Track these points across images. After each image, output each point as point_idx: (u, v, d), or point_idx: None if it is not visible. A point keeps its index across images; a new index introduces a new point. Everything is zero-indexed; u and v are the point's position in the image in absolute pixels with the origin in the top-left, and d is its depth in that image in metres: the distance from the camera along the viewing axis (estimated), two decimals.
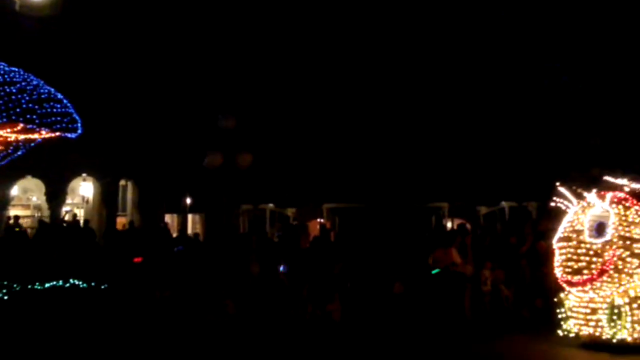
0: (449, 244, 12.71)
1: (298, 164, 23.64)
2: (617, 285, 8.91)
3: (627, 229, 8.97)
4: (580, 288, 9.10)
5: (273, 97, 22.43)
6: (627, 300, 8.87)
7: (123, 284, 12.53)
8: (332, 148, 23.59)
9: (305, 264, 12.65)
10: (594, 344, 9.07)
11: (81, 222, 17.13)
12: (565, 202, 9.47)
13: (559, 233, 9.39)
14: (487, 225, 20.66)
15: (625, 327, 8.82)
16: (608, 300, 8.94)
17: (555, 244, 9.39)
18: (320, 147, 23.55)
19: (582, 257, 9.01)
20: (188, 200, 24.50)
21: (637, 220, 9.07)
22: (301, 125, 23.52)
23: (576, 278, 9.02)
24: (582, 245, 9.05)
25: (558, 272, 9.30)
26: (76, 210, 21.75)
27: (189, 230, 23.74)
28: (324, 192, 24.57)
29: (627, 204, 9.19)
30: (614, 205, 9.09)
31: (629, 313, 8.81)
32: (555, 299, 9.74)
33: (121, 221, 21.50)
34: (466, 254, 12.61)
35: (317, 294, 11.70)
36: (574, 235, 9.17)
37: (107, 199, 22.01)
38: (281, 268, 12.67)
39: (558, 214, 9.75)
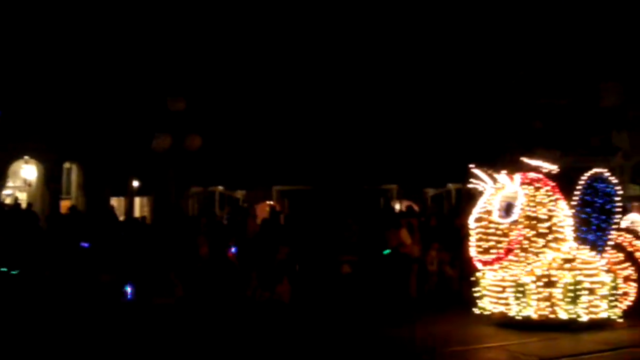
0: (399, 225, 12.97)
1: (248, 146, 23.49)
2: (523, 264, 9.12)
3: (534, 209, 9.16)
4: (490, 267, 9.32)
5: (223, 78, 22.16)
6: (532, 278, 9.07)
7: (67, 269, 12.27)
8: (281, 131, 23.51)
9: (253, 247, 12.68)
10: (504, 321, 9.29)
11: (23, 205, 16.67)
12: (481, 184, 9.62)
13: (474, 214, 9.56)
14: (433, 207, 21.03)
15: (530, 305, 9.02)
16: (515, 278, 9.14)
17: (471, 224, 9.57)
18: (270, 130, 23.44)
19: (491, 237, 9.20)
20: (135, 183, 24.08)
21: (545, 201, 9.25)
22: (251, 108, 23.34)
23: (486, 257, 9.24)
24: (492, 225, 9.22)
25: (472, 251, 9.51)
26: (18, 194, 21.13)
27: (137, 214, 23.36)
28: (274, 174, 24.51)
29: (538, 185, 9.37)
30: (524, 186, 9.26)
31: (534, 291, 9.01)
32: (472, 278, 9.93)
33: (65, 204, 20.98)
34: (414, 235, 12.88)
35: (266, 276, 11.76)
36: (486, 216, 9.32)
37: (51, 182, 21.47)
38: (232, 249, 12.66)
39: (477, 195, 9.92)
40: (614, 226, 9.66)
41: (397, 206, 22.19)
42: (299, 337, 9.15)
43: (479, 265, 9.55)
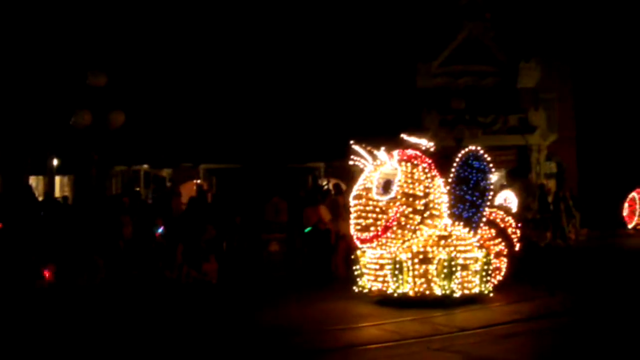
0: (316, 202, 13.09)
1: (174, 124, 23.04)
2: (400, 241, 9.05)
3: (411, 186, 9.09)
4: (368, 245, 9.21)
5: (147, 52, 21.56)
6: (409, 255, 9.09)
7: None
8: (207, 108, 23.18)
9: (179, 226, 12.51)
10: (382, 299, 9.32)
11: None
12: (362, 161, 9.48)
13: (354, 191, 9.44)
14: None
15: (407, 282, 9.07)
16: (393, 255, 9.10)
17: (350, 201, 9.45)
18: (195, 107, 23.07)
19: (370, 215, 9.09)
20: (55, 162, 23.22)
21: (422, 178, 9.20)
22: (176, 85, 22.87)
23: (365, 235, 9.12)
24: (370, 202, 9.12)
25: (351, 229, 9.38)
26: None
27: (57, 194, 22.58)
28: (201, 152, 24.18)
29: (415, 162, 9.30)
30: (402, 163, 9.18)
31: (411, 268, 9.06)
32: (352, 256, 9.86)
33: None
34: (339, 212, 13.02)
35: (193, 255, 11.65)
36: (364, 193, 9.22)
37: None
38: (159, 230, 12.44)
39: (358, 172, 9.77)
40: (487, 203, 9.72)
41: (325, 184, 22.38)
42: (226, 318, 9.14)
43: (358, 243, 9.41)
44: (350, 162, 9.59)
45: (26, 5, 19.31)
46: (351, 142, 9.55)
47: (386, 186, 9.07)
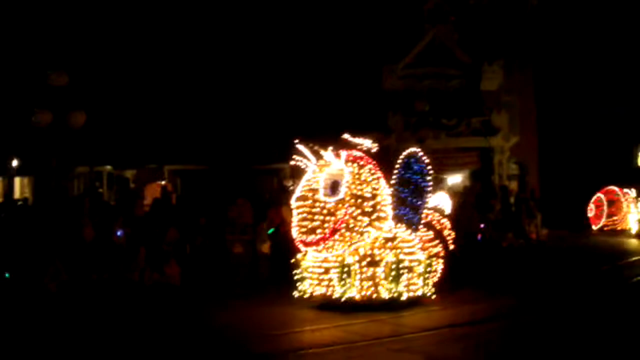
0: (278, 204, 13.08)
1: (137, 123, 22.78)
2: (348, 243, 8.87)
3: (359, 187, 8.95)
4: (314, 248, 8.95)
5: (109, 52, 21.27)
6: (357, 258, 8.94)
7: None
8: (172, 108, 22.99)
9: (142, 227, 12.37)
10: (326, 303, 9.12)
11: None
12: (305, 161, 9.24)
13: (297, 192, 9.19)
14: None
15: (354, 286, 8.91)
16: (339, 259, 8.92)
17: (294, 203, 9.21)
18: (160, 107, 22.85)
19: (316, 217, 8.84)
20: (15, 162, 22.75)
21: (369, 179, 9.09)
22: (140, 84, 22.61)
23: (310, 237, 8.86)
24: (317, 204, 8.89)
25: (294, 232, 9.12)
26: None
27: (17, 195, 22.12)
28: (166, 153, 23.96)
29: (362, 163, 9.18)
30: (349, 164, 9.03)
31: (358, 271, 8.90)
32: (292, 260, 9.62)
33: None
34: None
35: (154, 258, 11.54)
36: (310, 195, 8.98)
37: None
38: (118, 233, 12.27)
39: (300, 172, 9.55)
40: (425, 205, 9.80)
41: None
42: (189, 320, 9.07)
43: (301, 247, 9.16)
44: (292, 163, 9.31)
45: None
46: (295, 141, 9.31)
47: (333, 187, 8.90)
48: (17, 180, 23.53)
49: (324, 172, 9.05)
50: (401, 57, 24.64)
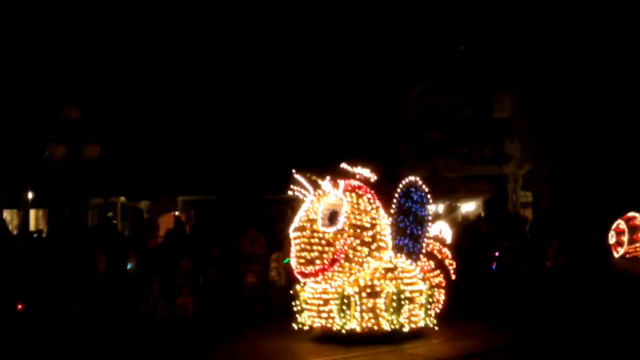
0: None
1: (150, 155, 22.92)
2: (347, 274, 8.72)
3: (358, 217, 8.82)
4: (313, 279, 8.80)
5: (120, 84, 21.53)
6: (357, 289, 8.75)
7: None
8: (185, 138, 23.13)
9: (154, 259, 12.37)
10: (326, 336, 8.92)
11: None
12: (302, 191, 9.08)
13: (295, 223, 9.00)
14: None
15: (354, 317, 8.71)
16: (339, 290, 8.76)
17: (291, 234, 9.02)
18: (173, 138, 23.00)
19: (315, 247, 8.67)
20: (30, 195, 22.92)
21: (368, 209, 8.97)
22: (153, 116, 22.82)
23: (309, 268, 8.68)
24: (315, 234, 8.71)
25: (293, 263, 8.95)
26: None
27: (32, 227, 22.23)
28: (179, 184, 24.04)
29: (360, 192, 9.05)
30: (347, 194, 8.90)
31: (358, 302, 8.71)
32: (291, 291, 9.51)
33: None
34: None
35: (168, 289, 11.51)
36: (308, 225, 8.79)
37: None
38: (128, 265, 12.26)
39: (298, 203, 9.36)
40: (426, 234, 9.68)
41: None
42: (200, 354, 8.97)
43: (300, 278, 8.99)
44: (290, 193, 9.13)
45: None
46: (293, 171, 9.15)
47: (332, 217, 8.74)
48: (32, 213, 23.67)
49: (322, 202, 8.88)
50: (413, 86, 24.79)
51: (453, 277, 10.38)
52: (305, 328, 9.13)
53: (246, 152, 23.13)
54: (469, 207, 23.63)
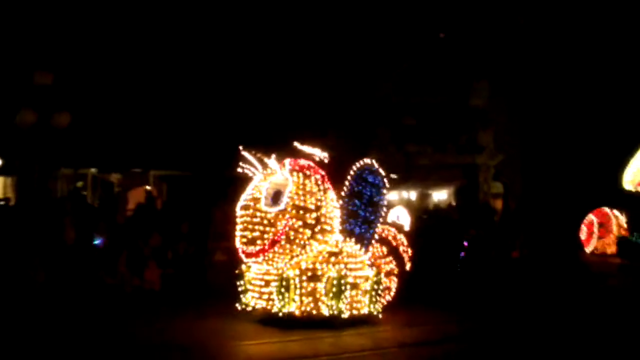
0: None
1: (124, 127, 22.61)
2: (289, 256, 8.51)
3: (302, 198, 8.56)
4: (254, 259, 8.61)
5: (95, 51, 21.12)
6: (297, 272, 8.55)
7: None
8: (159, 112, 22.85)
9: (124, 232, 12.27)
10: (267, 318, 8.75)
11: None
12: (251, 169, 8.85)
13: (241, 201, 8.80)
14: None
15: (293, 300, 8.51)
16: (279, 272, 8.56)
17: (237, 212, 8.81)
18: (147, 111, 22.70)
19: (257, 227, 8.47)
20: None
21: (314, 190, 8.69)
22: (128, 86, 22.46)
23: (250, 248, 8.50)
24: (258, 214, 8.49)
25: (237, 242, 8.75)
26: None
27: None
28: (152, 158, 23.77)
29: (308, 172, 8.78)
30: (294, 173, 8.65)
31: (298, 286, 8.52)
32: (236, 271, 9.22)
33: None
34: None
35: (135, 263, 11.44)
36: (252, 204, 8.58)
37: None
38: (97, 241, 12.12)
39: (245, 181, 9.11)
40: (380, 220, 9.39)
41: None
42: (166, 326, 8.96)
43: (243, 257, 8.77)
44: (239, 170, 8.89)
45: None
46: (240, 148, 8.88)
47: (276, 197, 8.50)
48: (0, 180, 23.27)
49: (268, 180, 8.63)
50: (391, 71, 24.78)
51: (408, 264, 10.14)
52: (249, 309, 8.94)
53: (218, 128, 22.91)
54: (440, 195, 23.82)
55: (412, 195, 24.06)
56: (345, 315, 8.71)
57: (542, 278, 14.81)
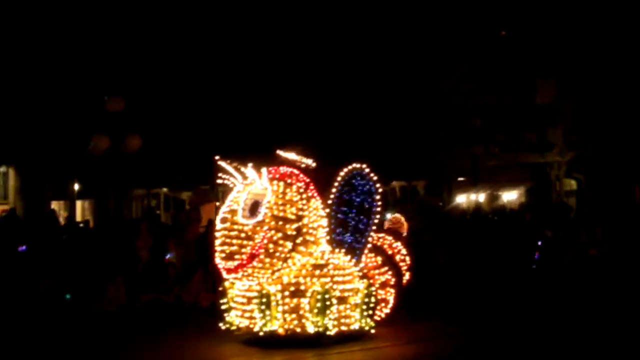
0: None
1: (191, 146, 23.22)
2: (269, 271, 7.85)
3: (281, 208, 7.95)
4: (234, 275, 7.97)
5: (162, 77, 21.85)
6: (279, 287, 7.92)
7: (3, 274, 11.90)
8: (224, 129, 23.35)
9: (197, 249, 12.50)
10: (251, 338, 8.11)
11: None
12: (231, 179, 8.20)
13: (220, 214, 8.21)
14: None
15: (276, 318, 7.89)
16: (259, 288, 7.93)
17: (217, 225, 8.21)
18: (211, 130, 23.26)
19: (234, 241, 7.83)
20: (76, 186, 23.52)
21: (295, 199, 8.07)
22: (193, 107, 23.10)
23: (229, 264, 7.86)
24: (235, 227, 7.88)
25: (217, 257, 8.10)
26: None
27: (78, 217, 22.82)
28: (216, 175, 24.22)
29: (289, 181, 8.16)
30: (274, 182, 8.05)
31: (280, 302, 7.90)
32: (220, 288, 8.61)
33: (3, 209, 20.32)
34: None
35: (211, 279, 11.59)
36: (230, 216, 7.98)
37: None
38: (167, 255, 12.38)
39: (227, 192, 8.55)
40: (373, 227, 8.65)
41: None
42: None
43: (224, 274, 8.12)
44: (219, 181, 8.30)
45: (44, 31, 19.70)
46: (216, 157, 8.26)
47: (253, 208, 7.85)
48: (78, 204, 24.29)
49: (246, 191, 8.03)
50: (453, 73, 24.49)
51: (406, 274, 9.44)
52: (233, 328, 8.30)
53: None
54: (510, 195, 23.27)
55: (481, 197, 23.64)
56: (332, 332, 8.00)
57: (622, 276, 14.13)
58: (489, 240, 13.60)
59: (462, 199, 24.10)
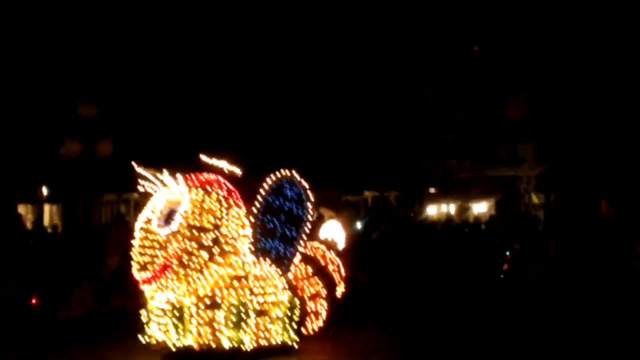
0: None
1: (163, 151, 23.12)
2: (183, 283, 7.48)
3: (198, 217, 7.59)
4: (148, 286, 7.62)
5: (135, 82, 21.76)
6: (194, 300, 7.58)
7: None
8: (197, 137, 23.32)
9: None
10: (170, 352, 7.71)
11: None
12: (152, 185, 7.82)
13: (138, 223, 7.87)
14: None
15: (190, 332, 7.56)
16: (174, 300, 7.62)
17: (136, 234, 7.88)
18: (185, 136, 23.20)
19: (148, 251, 7.54)
20: (45, 191, 23.21)
21: (214, 207, 7.70)
22: (166, 113, 23.03)
23: (143, 275, 7.54)
24: (150, 236, 7.58)
25: (133, 268, 7.76)
26: None
27: (46, 222, 22.50)
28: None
29: (210, 188, 7.81)
30: (193, 190, 7.72)
31: (194, 315, 7.56)
32: (140, 301, 8.21)
33: None
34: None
35: None
36: (145, 225, 7.67)
37: None
38: None
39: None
40: (302, 236, 8.33)
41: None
42: None
43: (141, 286, 7.75)
44: (140, 189, 7.91)
45: (17, 36, 19.52)
46: (133, 163, 7.98)
47: (169, 216, 7.53)
48: (46, 208, 23.96)
49: (164, 198, 7.73)
50: (426, 87, 24.80)
51: (342, 286, 9.22)
52: (153, 342, 7.89)
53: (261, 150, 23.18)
54: (480, 207, 23.57)
55: (452, 208, 23.90)
56: (249, 347, 7.65)
57: (588, 289, 14.36)
58: (458, 251, 13.78)
59: (432, 210, 24.37)
